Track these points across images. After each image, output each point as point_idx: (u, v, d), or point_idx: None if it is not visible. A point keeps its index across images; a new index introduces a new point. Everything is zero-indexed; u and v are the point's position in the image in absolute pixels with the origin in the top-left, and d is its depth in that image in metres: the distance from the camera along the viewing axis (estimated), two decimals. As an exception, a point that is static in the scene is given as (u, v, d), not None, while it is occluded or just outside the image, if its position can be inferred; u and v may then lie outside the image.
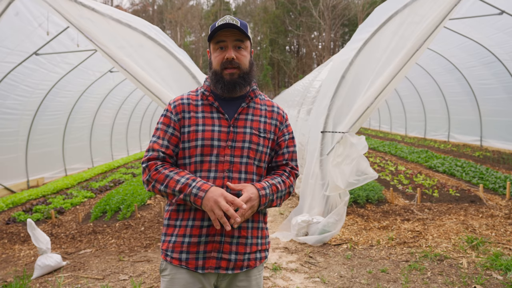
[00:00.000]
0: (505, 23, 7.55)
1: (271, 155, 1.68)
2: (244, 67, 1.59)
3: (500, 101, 9.79)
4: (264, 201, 1.53)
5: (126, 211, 5.88)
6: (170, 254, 1.56)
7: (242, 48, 1.59)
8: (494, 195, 5.90)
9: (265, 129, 1.64)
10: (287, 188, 1.64)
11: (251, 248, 1.59)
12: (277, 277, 3.55)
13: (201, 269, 1.52)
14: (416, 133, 14.96)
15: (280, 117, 1.71)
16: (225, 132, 1.57)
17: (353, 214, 5.20)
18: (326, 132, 4.63)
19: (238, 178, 1.55)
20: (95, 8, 4.17)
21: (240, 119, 1.61)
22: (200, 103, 1.63)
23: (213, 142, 1.55)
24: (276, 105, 1.75)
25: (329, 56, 36.61)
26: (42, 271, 3.86)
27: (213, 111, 1.61)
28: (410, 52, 4.11)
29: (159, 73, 4.33)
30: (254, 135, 1.60)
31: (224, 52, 1.57)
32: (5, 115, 7.28)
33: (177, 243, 1.54)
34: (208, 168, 1.54)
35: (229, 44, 1.56)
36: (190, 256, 1.52)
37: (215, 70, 1.59)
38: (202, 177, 1.54)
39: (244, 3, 52.00)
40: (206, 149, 1.55)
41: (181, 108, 1.62)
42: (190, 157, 1.57)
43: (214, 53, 1.61)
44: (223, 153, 1.55)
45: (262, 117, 1.66)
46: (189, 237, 1.52)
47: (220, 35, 1.56)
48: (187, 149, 1.57)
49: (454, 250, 4.01)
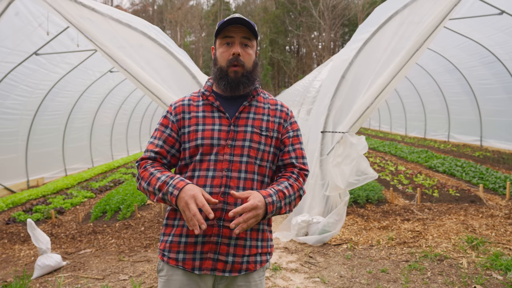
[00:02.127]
0: (505, 23, 7.55)
1: (276, 154, 1.63)
2: (248, 65, 1.57)
3: (500, 101, 9.79)
4: (271, 209, 1.44)
5: (126, 211, 5.88)
6: (167, 254, 1.53)
7: (248, 46, 1.57)
8: (494, 195, 5.90)
9: (268, 127, 1.60)
10: (296, 192, 1.55)
11: (250, 251, 1.53)
12: (277, 277, 3.55)
13: (198, 270, 1.49)
14: (416, 133, 14.96)
15: (284, 115, 1.67)
16: (225, 131, 1.54)
17: (353, 214, 5.20)
18: (326, 132, 4.63)
19: (238, 177, 1.51)
20: (95, 8, 4.18)
21: (241, 117, 1.58)
22: (201, 103, 1.61)
23: (212, 141, 1.53)
24: (280, 103, 1.71)
25: (329, 56, 36.60)
26: (42, 271, 3.86)
27: (214, 111, 1.59)
28: (410, 52, 4.10)
29: (159, 73, 4.33)
30: (255, 133, 1.56)
31: (230, 48, 1.55)
32: (5, 115, 7.28)
33: (174, 243, 1.52)
34: (207, 167, 1.52)
35: (236, 40, 1.54)
36: (187, 256, 1.49)
37: (221, 66, 1.57)
38: (200, 176, 1.51)
39: (244, 3, 52.00)
40: (206, 148, 1.53)
41: (181, 109, 1.61)
42: (191, 157, 1.55)
43: (220, 48, 1.58)
44: (222, 152, 1.52)
45: (265, 116, 1.62)
46: (186, 237, 1.50)
47: (229, 30, 1.54)
48: (188, 149, 1.56)
49: (454, 250, 4.01)
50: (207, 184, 1.49)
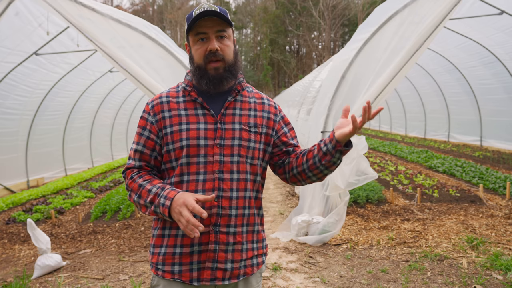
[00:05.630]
0: (505, 23, 7.55)
1: (267, 151, 1.55)
2: (228, 58, 1.45)
3: (500, 101, 9.79)
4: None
5: (126, 211, 5.88)
6: (161, 268, 1.43)
7: (225, 37, 1.44)
8: (494, 195, 5.90)
9: (256, 123, 1.50)
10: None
11: (247, 254, 1.47)
12: (277, 277, 3.55)
13: (196, 281, 1.40)
14: (416, 133, 14.95)
15: (272, 109, 1.58)
16: (212, 129, 1.43)
17: (353, 214, 5.20)
18: (326, 132, 4.63)
19: (230, 179, 1.42)
20: (95, 8, 4.18)
21: (227, 114, 1.47)
22: (182, 100, 1.48)
23: (199, 142, 1.41)
24: (265, 96, 1.62)
25: (329, 56, 36.60)
26: (42, 271, 3.86)
27: (197, 108, 1.46)
28: (410, 52, 4.10)
29: (159, 73, 4.33)
30: (244, 130, 1.46)
31: (205, 43, 1.43)
32: (5, 115, 7.28)
33: (168, 254, 1.42)
34: (196, 170, 1.41)
35: (210, 34, 1.41)
36: (183, 268, 1.40)
37: (198, 64, 1.45)
38: (190, 180, 1.41)
39: (244, 3, 52.02)
40: (193, 150, 1.41)
41: (159, 108, 1.47)
42: (177, 159, 1.43)
43: (195, 45, 1.45)
44: (211, 152, 1.41)
45: (252, 110, 1.52)
46: (181, 247, 1.40)
47: (200, 26, 1.41)
48: (172, 151, 1.43)
49: (454, 250, 4.01)
50: (199, 189, 1.41)
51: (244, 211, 1.46)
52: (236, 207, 1.43)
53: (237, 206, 1.44)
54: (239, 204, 1.44)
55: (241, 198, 1.45)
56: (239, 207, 1.44)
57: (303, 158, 1.50)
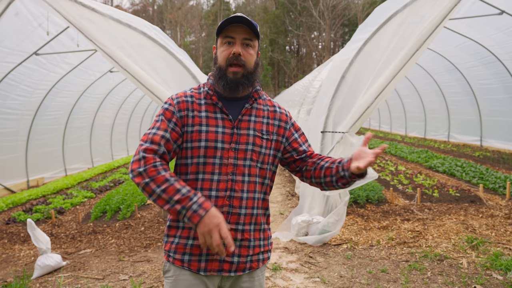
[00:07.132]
0: (505, 23, 7.56)
1: (277, 156, 1.65)
2: (249, 66, 1.53)
3: (500, 101, 9.80)
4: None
5: (126, 211, 5.88)
6: (172, 255, 1.54)
7: (250, 46, 1.53)
8: (494, 195, 5.90)
9: (268, 130, 1.61)
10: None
11: (253, 250, 1.58)
12: (277, 277, 3.55)
13: (204, 271, 1.51)
14: (416, 133, 14.96)
15: (283, 117, 1.68)
16: (228, 134, 1.53)
17: (353, 214, 5.20)
18: (326, 132, 4.63)
19: (242, 181, 1.53)
20: (95, 8, 4.18)
21: (243, 120, 1.56)
22: (203, 102, 1.57)
23: (217, 144, 1.51)
24: (277, 104, 1.72)
25: (329, 56, 36.61)
26: (42, 271, 3.86)
27: (217, 111, 1.55)
28: (410, 52, 4.10)
29: (159, 73, 4.33)
30: (257, 137, 1.56)
31: (231, 47, 1.51)
32: (5, 115, 7.28)
33: (180, 244, 1.53)
34: (212, 170, 1.50)
35: (237, 40, 1.51)
36: (193, 258, 1.51)
37: (220, 65, 1.53)
38: (205, 179, 1.50)
39: (244, 3, 52.00)
40: (210, 151, 1.50)
41: (185, 106, 1.54)
42: (192, 158, 1.52)
43: (221, 47, 1.54)
44: (226, 155, 1.51)
45: (265, 118, 1.62)
46: (193, 239, 1.51)
47: (230, 30, 1.51)
48: (190, 149, 1.52)
49: (454, 250, 4.01)
50: (213, 188, 1.50)
51: (252, 211, 1.56)
52: (246, 207, 1.54)
53: (246, 206, 1.54)
54: (248, 205, 1.55)
55: (250, 199, 1.55)
56: (248, 207, 1.55)
57: (321, 172, 1.61)
